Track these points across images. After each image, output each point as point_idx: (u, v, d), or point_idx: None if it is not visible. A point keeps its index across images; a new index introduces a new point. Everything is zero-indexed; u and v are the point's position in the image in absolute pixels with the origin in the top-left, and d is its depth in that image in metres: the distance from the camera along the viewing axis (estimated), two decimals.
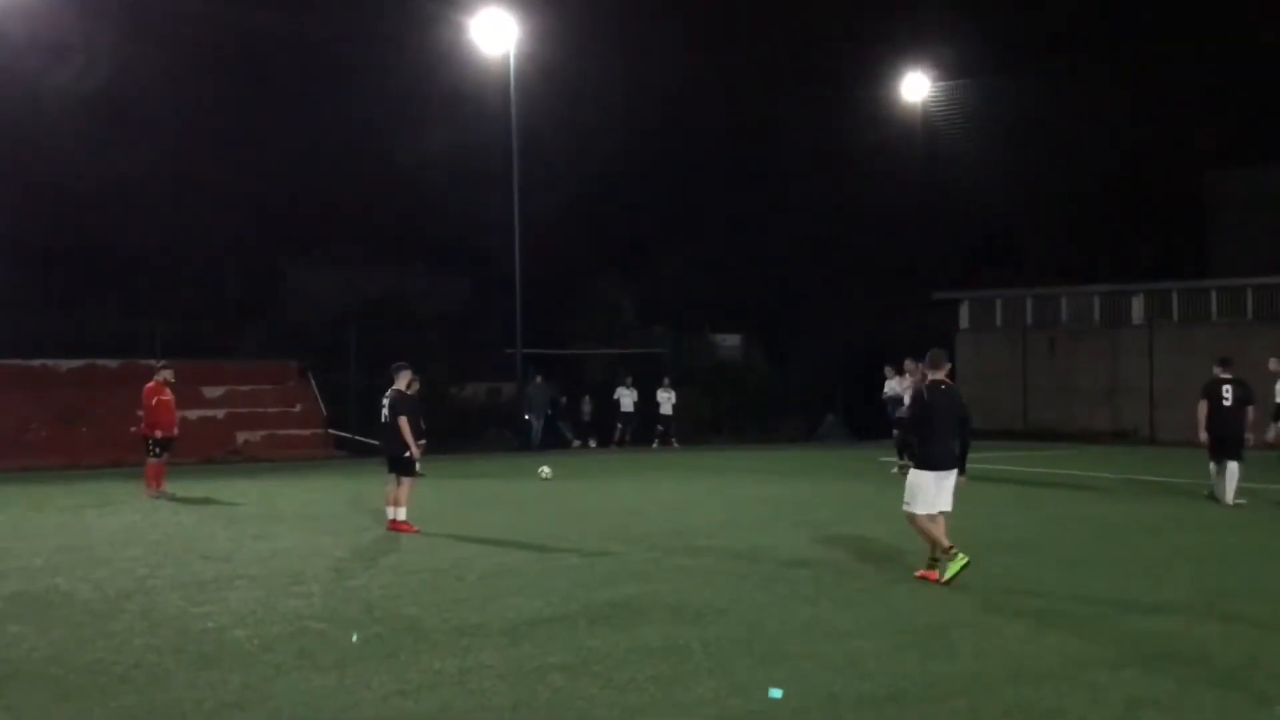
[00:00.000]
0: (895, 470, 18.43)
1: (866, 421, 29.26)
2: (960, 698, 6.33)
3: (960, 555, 9.28)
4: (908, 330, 35.13)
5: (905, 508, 9.69)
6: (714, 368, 34.78)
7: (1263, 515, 14.25)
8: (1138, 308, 33.79)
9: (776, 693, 6.32)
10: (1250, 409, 15.12)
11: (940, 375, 9.84)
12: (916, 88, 34.41)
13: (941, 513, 9.60)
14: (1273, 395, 18.31)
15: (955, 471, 9.58)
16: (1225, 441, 14.75)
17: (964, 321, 36.50)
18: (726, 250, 38.60)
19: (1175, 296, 33.49)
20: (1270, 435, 17.80)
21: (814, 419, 33.88)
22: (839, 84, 38.85)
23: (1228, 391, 14.71)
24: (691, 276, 37.66)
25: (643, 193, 39.43)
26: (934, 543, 9.52)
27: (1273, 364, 18.35)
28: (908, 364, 19.04)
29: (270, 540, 12.33)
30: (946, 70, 35.96)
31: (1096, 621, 8.19)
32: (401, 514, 12.92)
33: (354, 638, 7.68)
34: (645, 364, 31.47)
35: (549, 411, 29.52)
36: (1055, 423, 32.40)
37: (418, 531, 12.69)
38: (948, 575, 9.30)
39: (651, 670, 6.87)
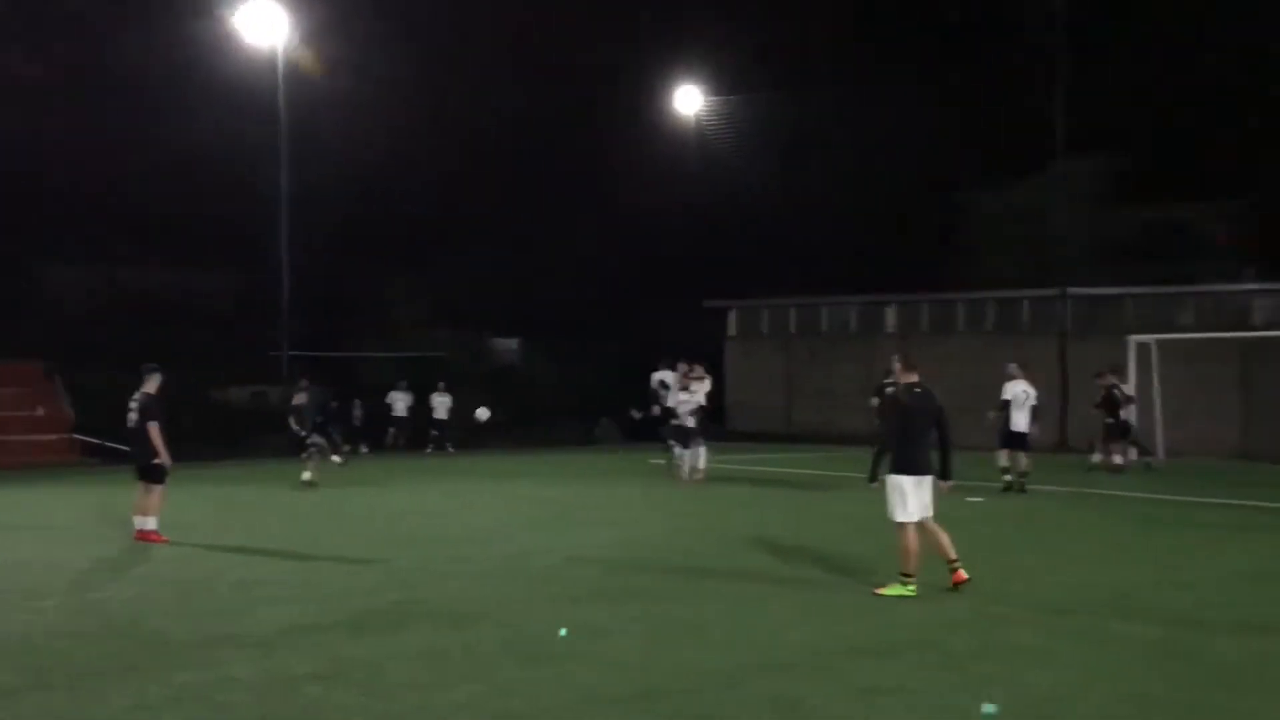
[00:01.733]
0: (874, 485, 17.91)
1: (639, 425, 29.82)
2: (711, 690, 6.56)
3: (913, 586, 9.03)
4: (681, 336, 36.01)
5: (891, 517, 9.21)
6: (492, 372, 34.68)
7: (1001, 508, 15.30)
8: (891, 317, 35.87)
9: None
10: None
11: (914, 377, 9.47)
12: (690, 101, 35.34)
13: (925, 520, 9.20)
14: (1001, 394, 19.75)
15: (932, 477, 9.23)
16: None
17: (732, 329, 37.76)
18: (510, 255, 38.55)
19: (925, 308, 35.75)
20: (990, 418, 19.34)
21: (592, 422, 34.26)
22: (617, 93, 39.48)
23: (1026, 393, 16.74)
24: (472, 281, 37.42)
25: (423, 195, 38.85)
26: (909, 557, 9.05)
27: (1011, 369, 19.81)
28: (681, 366, 19.58)
29: (2, 552, 11.48)
30: (720, 85, 37.15)
31: (842, 612, 8.63)
32: (151, 523, 12.28)
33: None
34: (423, 368, 31.02)
35: (319, 417, 28.58)
36: (818, 426, 33.89)
37: (168, 541, 12.08)
38: (888, 591, 9.07)
39: (409, 676, 6.81)
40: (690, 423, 18.96)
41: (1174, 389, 27.70)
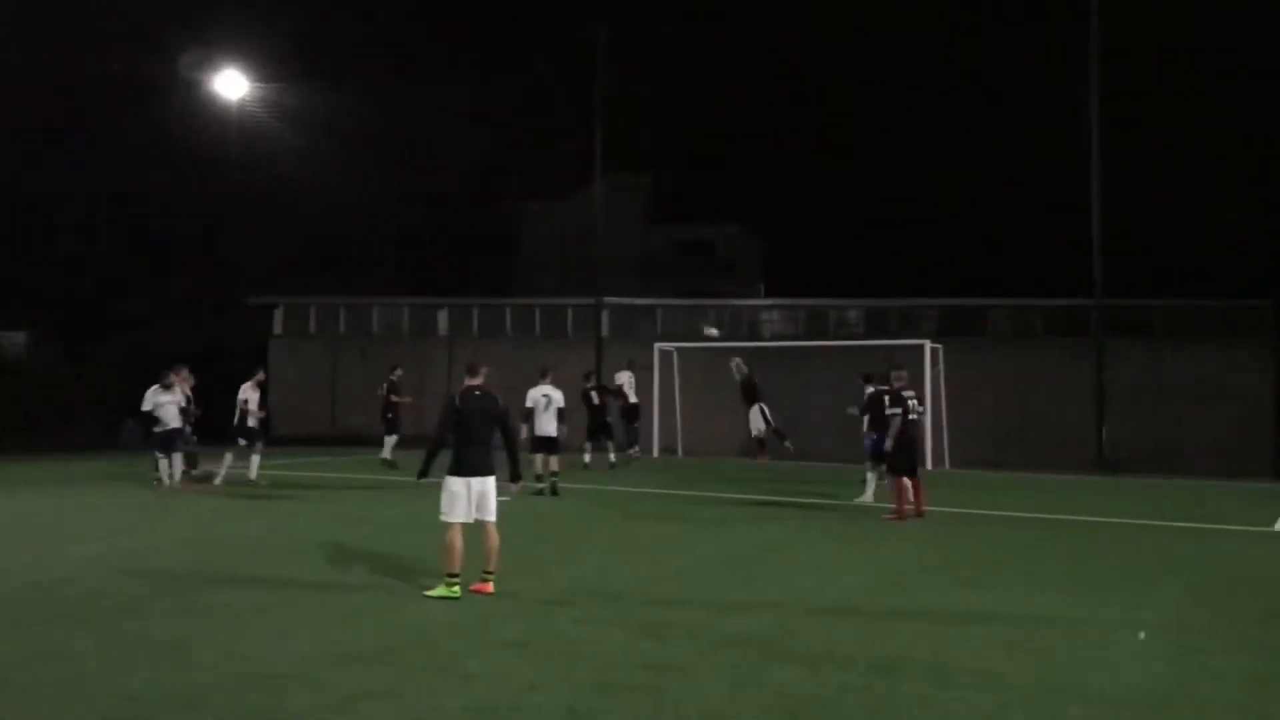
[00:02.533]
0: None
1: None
2: (170, 712, 6.20)
3: (457, 587, 9.09)
4: (224, 333, 34.12)
5: (442, 517, 9.24)
6: None
7: (530, 508, 15.79)
8: (443, 320, 36.16)
9: None
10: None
11: (478, 381, 9.46)
12: (234, 85, 33.47)
13: (486, 523, 9.32)
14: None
15: (492, 479, 9.31)
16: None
17: (278, 326, 36.32)
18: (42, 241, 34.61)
19: (476, 312, 36.39)
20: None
21: (116, 425, 31.43)
22: (157, 72, 36.67)
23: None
24: None
25: None
26: (454, 557, 9.11)
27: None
28: (174, 375, 18.55)
29: None
30: (271, 72, 35.60)
31: (343, 618, 8.48)
32: None
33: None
34: None
35: None
36: (363, 428, 33.37)
37: None
38: (434, 593, 9.11)
39: None
40: (175, 424, 18.19)
41: (693, 392, 30.30)
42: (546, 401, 17.56)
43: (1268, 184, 37.52)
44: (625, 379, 24.00)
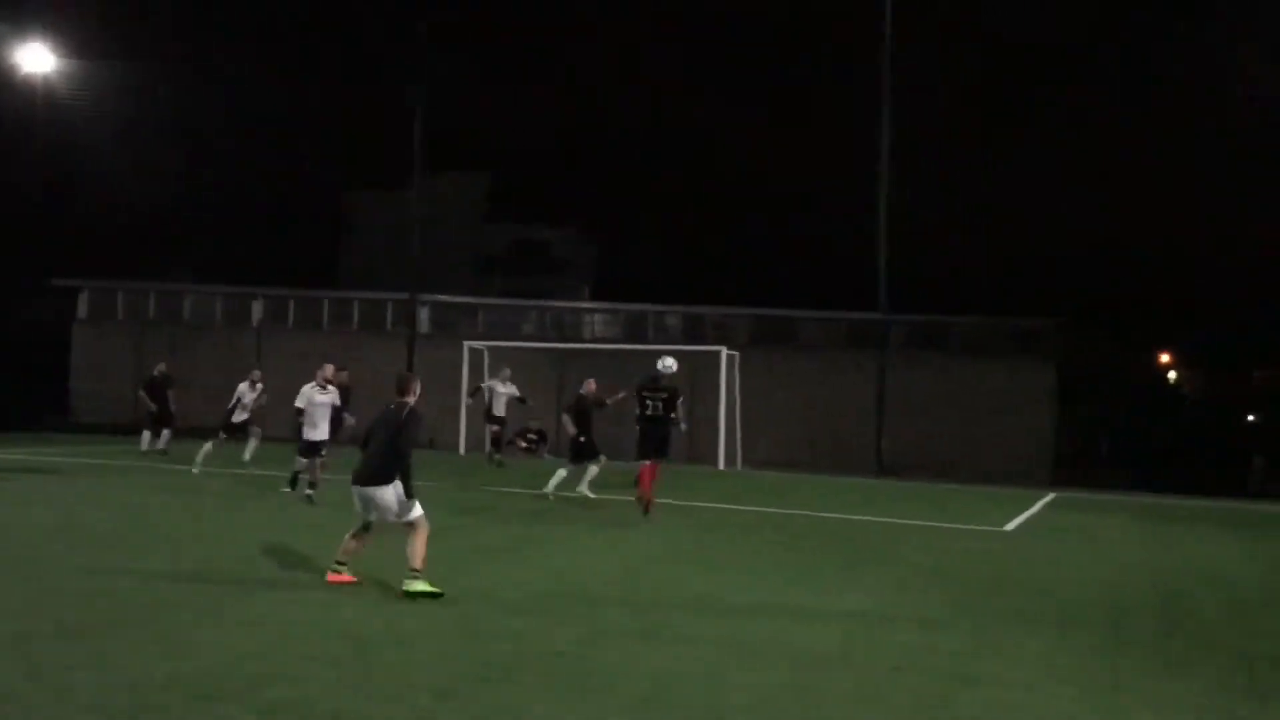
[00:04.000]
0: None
1: None
2: None
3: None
4: (23, 315, 32.92)
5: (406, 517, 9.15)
6: None
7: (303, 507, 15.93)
8: (258, 310, 35.61)
9: None
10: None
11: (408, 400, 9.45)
12: (38, 60, 32.16)
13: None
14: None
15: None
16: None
17: (83, 311, 35.19)
18: None
19: (292, 303, 35.97)
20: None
21: None
22: None
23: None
24: None
25: None
26: (418, 556, 9.00)
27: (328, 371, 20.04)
28: None
29: None
30: (82, 48, 34.45)
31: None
32: None
33: None
34: None
35: None
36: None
37: None
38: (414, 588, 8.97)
39: None
40: None
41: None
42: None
43: (1057, 213, 40.23)
44: (497, 385, 23.08)
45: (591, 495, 16.67)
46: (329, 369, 16.28)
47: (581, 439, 16.74)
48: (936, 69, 40.48)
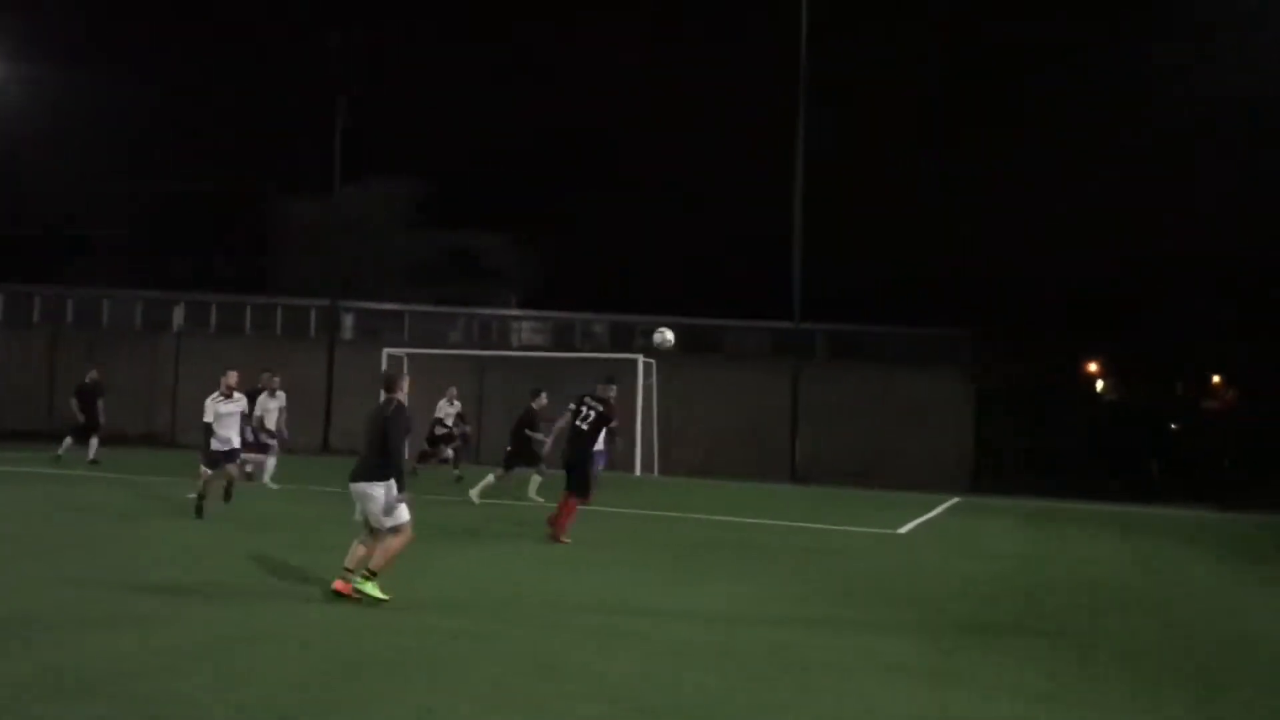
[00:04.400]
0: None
1: None
2: None
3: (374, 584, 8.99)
4: None
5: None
6: None
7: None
8: (179, 316, 35.30)
9: None
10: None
11: (398, 398, 9.68)
12: None
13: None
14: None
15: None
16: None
17: None
18: None
19: (214, 308, 35.70)
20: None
21: None
22: None
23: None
24: None
25: None
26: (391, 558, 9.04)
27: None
28: None
29: None
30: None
31: None
32: None
33: None
34: None
35: None
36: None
37: None
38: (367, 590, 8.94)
39: None
40: None
41: (425, 400, 30.65)
42: (239, 406, 17.27)
43: (972, 225, 41.12)
44: (444, 405, 22.78)
45: (539, 499, 17.08)
46: (233, 376, 16.05)
47: (513, 448, 17.28)
48: (859, 71, 41.17)
